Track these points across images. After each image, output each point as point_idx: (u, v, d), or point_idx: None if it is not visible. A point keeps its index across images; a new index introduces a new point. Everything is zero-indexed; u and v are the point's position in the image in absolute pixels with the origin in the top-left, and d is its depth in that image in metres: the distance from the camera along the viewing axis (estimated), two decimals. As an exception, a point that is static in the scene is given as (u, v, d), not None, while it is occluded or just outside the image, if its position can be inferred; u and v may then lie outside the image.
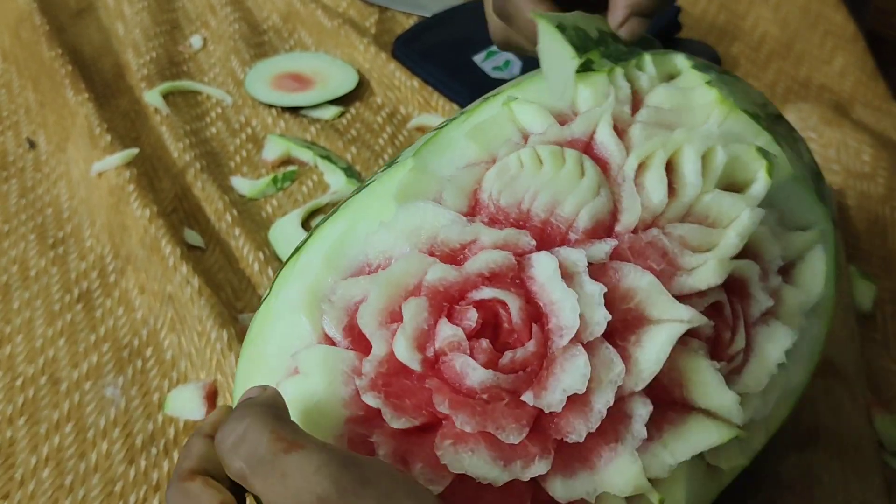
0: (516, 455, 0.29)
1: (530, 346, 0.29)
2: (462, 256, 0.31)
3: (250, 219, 0.64)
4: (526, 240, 0.31)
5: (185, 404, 0.51)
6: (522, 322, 0.30)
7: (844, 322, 0.51)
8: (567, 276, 0.30)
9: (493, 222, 0.32)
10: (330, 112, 0.74)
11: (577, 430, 0.29)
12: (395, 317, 0.31)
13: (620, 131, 0.35)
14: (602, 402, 0.29)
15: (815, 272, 0.35)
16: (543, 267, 0.30)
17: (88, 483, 0.47)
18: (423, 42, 0.80)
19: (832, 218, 0.39)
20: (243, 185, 0.67)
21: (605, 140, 0.34)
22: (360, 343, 0.31)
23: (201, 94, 0.78)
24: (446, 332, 0.30)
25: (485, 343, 0.29)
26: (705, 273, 0.31)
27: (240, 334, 0.53)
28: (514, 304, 0.30)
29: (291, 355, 0.32)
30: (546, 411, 0.29)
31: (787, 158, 0.37)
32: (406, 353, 0.30)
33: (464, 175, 0.34)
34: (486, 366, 0.29)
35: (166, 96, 0.77)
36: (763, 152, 0.35)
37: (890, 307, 0.55)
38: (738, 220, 0.32)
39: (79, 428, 0.50)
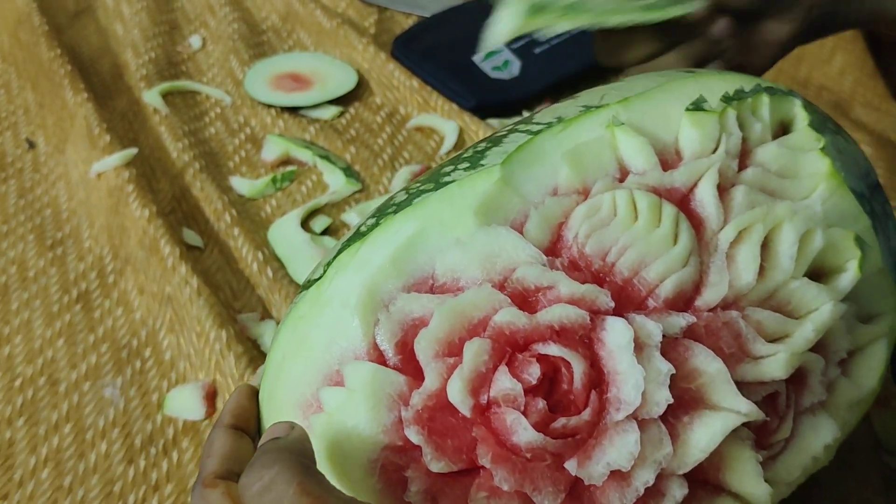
0: None
1: (586, 415, 0.28)
2: (534, 299, 0.30)
3: (249, 219, 0.64)
4: (604, 300, 0.29)
5: (184, 404, 0.51)
6: (583, 387, 0.28)
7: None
8: (638, 346, 0.29)
9: (573, 268, 0.31)
10: (329, 112, 0.74)
11: (612, 503, 0.28)
12: (452, 349, 0.29)
13: (722, 189, 0.33)
14: (642, 480, 0.28)
15: (873, 367, 0.34)
16: (617, 335, 0.29)
17: (87, 483, 0.47)
18: (422, 42, 0.80)
19: None
20: (242, 185, 0.67)
21: (707, 200, 0.32)
22: (409, 363, 0.30)
23: (200, 94, 0.78)
24: (504, 384, 0.28)
25: (541, 404, 0.28)
26: (774, 365, 0.30)
27: (239, 334, 0.53)
28: (578, 367, 0.28)
29: (339, 359, 0.31)
30: (586, 482, 0.28)
31: (880, 249, 0.35)
32: (459, 397, 0.28)
33: (552, 206, 0.32)
34: (537, 427, 0.28)
35: (165, 96, 0.77)
36: (860, 242, 0.33)
37: (889, 306, 0.55)
38: (819, 313, 0.31)
39: (78, 428, 0.50)
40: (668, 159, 0.34)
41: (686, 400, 0.29)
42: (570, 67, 0.76)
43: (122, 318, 0.57)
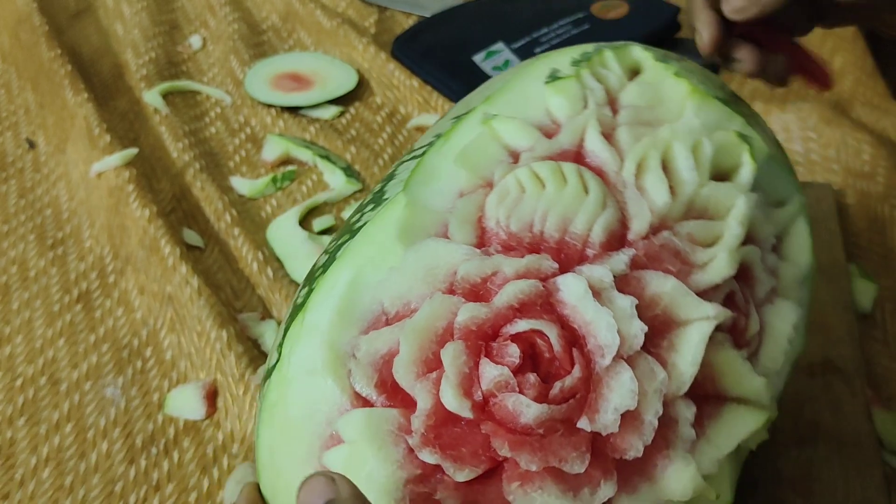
0: (582, 483, 0.28)
1: (576, 371, 0.29)
2: (484, 290, 0.30)
3: (249, 219, 0.64)
4: (548, 264, 0.30)
5: (185, 404, 0.51)
6: (563, 349, 0.29)
7: (843, 320, 0.51)
8: (595, 293, 0.30)
9: (507, 250, 0.31)
10: (329, 112, 0.74)
11: (634, 445, 0.29)
12: (430, 364, 0.30)
13: (606, 136, 0.34)
14: (651, 412, 0.29)
15: (802, 243, 0.36)
16: (572, 289, 0.30)
17: (88, 483, 0.47)
18: (422, 42, 0.80)
19: (799, 187, 0.40)
20: (242, 184, 0.67)
21: (597, 148, 0.34)
22: (395, 397, 0.30)
23: (200, 94, 0.78)
24: (492, 373, 0.29)
25: (532, 378, 0.29)
26: (718, 266, 0.32)
27: (239, 334, 0.53)
28: (551, 332, 0.29)
29: (327, 422, 0.30)
30: (603, 434, 0.29)
31: (761, 138, 0.37)
32: (455, 402, 0.29)
33: (465, 205, 0.33)
34: (537, 400, 0.28)
35: (165, 96, 0.77)
36: (743, 136, 0.36)
37: (890, 305, 0.55)
38: (736, 208, 0.33)
39: (79, 428, 0.50)
40: (548, 132, 0.35)
41: (658, 326, 0.30)
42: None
43: (122, 317, 0.57)
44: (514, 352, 0.29)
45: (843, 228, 0.60)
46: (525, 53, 0.78)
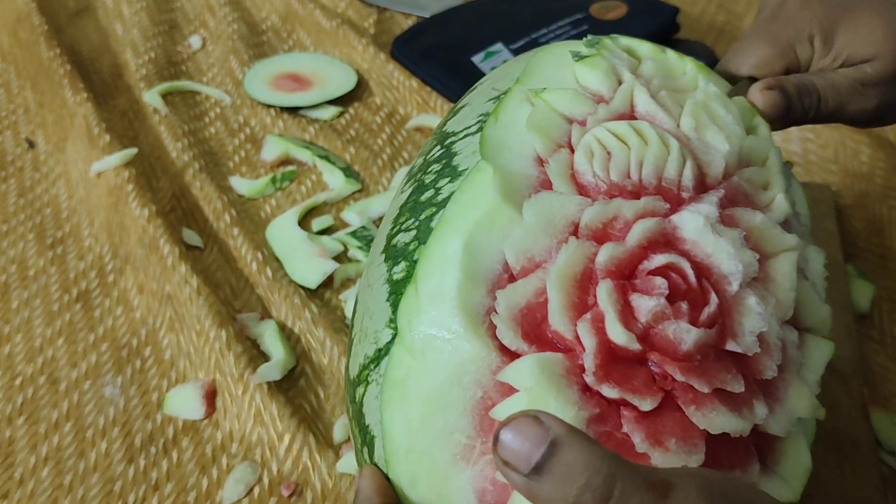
0: (741, 403, 0.30)
1: (714, 298, 0.30)
2: (605, 235, 0.31)
3: (249, 219, 0.64)
4: (661, 205, 0.32)
5: (184, 403, 0.51)
6: (696, 279, 0.30)
7: (841, 320, 0.51)
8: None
9: (612, 198, 0.32)
10: (329, 112, 0.75)
11: (769, 366, 0.30)
12: (579, 308, 0.30)
13: (654, 96, 0.37)
14: (775, 335, 0.31)
15: (801, 196, 0.40)
16: (691, 224, 0.31)
17: (87, 482, 0.47)
18: (421, 42, 0.80)
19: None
20: (242, 184, 0.67)
21: (651, 108, 0.36)
22: (544, 345, 0.30)
23: (200, 94, 0.78)
24: (648, 305, 0.29)
25: (684, 306, 0.30)
26: (780, 205, 0.35)
27: (238, 333, 0.53)
28: (685, 264, 0.31)
29: (477, 384, 0.30)
30: (750, 354, 0.30)
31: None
32: (623, 336, 0.29)
33: (555, 164, 0.33)
34: (695, 326, 0.29)
35: (165, 96, 0.77)
36: (748, 100, 0.39)
37: (887, 305, 0.55)
38: (771, 159, 0.37)
39: (78, 427, 0.50)
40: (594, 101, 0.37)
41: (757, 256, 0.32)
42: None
43: (121, 317, 0.57)
44: (661, 283, 0.30)
45: (841, 229, 0.60)
46: (524, 54, 0.78)
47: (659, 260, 0.30)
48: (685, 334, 0.29)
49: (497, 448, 0.24)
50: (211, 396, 0.51)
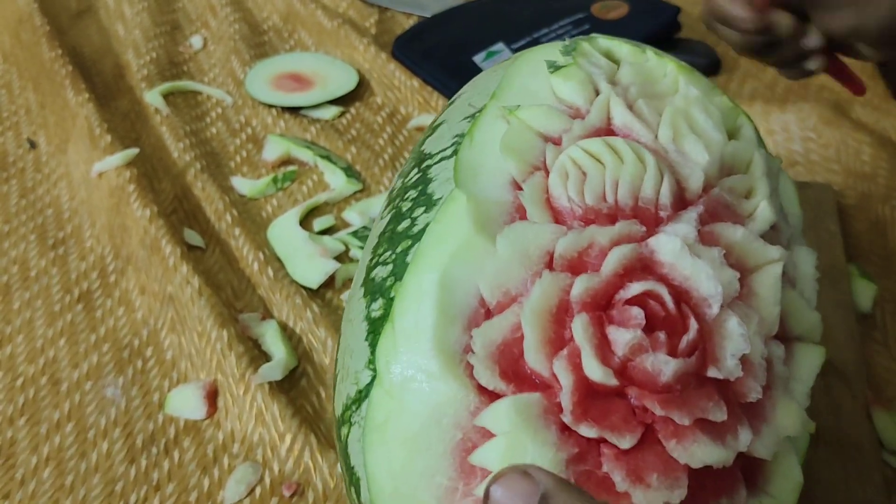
0: (725, 431, 0.29)
1: (693, 324, 0.30)
2: (581, 264, 0.31)
3: (250, 219, 0.64)
4: (636, 228, 0.31)
5: (186, 404, 0.51)
6: (675, 305, 0.30)
7: (844, 321, 0.51)
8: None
9: (587, 224, 0.32)
10: (330, 112, 0.75)
11: (754, 388, 0.30)
12: (555, 344, 0.29)
13: (631, 107, 0.36)
14: (757, 354, 0.30)
15: (791, 194, 0.39)
16: (668, 247, 0.31)
17: (89, 483, 0.47)
18: (422, 42, 0.80)
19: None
20: (243, 185, 0.67)
21: (627, 121, 0.35)
22: (522, 384, 0.29)
23: (201, 94, 0.78)
24: (624, 338, 0.29)
25: (662, 336, 0.29)
26: (764, 214, 0.34)
27: (240, 334, 0.53)
28: (662, 290, 0.30)
29: (455, 426, 0.29)
30: (732, 379, 0.29)
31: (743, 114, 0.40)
32: (600, 372, 0.28)
33: (531, 189, 0.33)
34: (674, 356, 0.29)
35: (166, 96, 0.77)
36: (733, 101, 0.38)
37: (890, 306, 0.55)
38: (755, 163, 0.35)
39: (79, 428, 0.50)
40: (570, 116, 0.36)
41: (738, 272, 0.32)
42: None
43: (123, 317, 0.57)
44: (637, 314, 0.29)
45: (843, 229, 0.60)
46: (526, 54, 0.78)
47: (635, 288, 0.30)
48: (664, 366, 0.28)
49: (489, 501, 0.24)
50: (212, 397, 0.51)
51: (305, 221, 0.63)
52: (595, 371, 0.28)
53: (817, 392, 0.47)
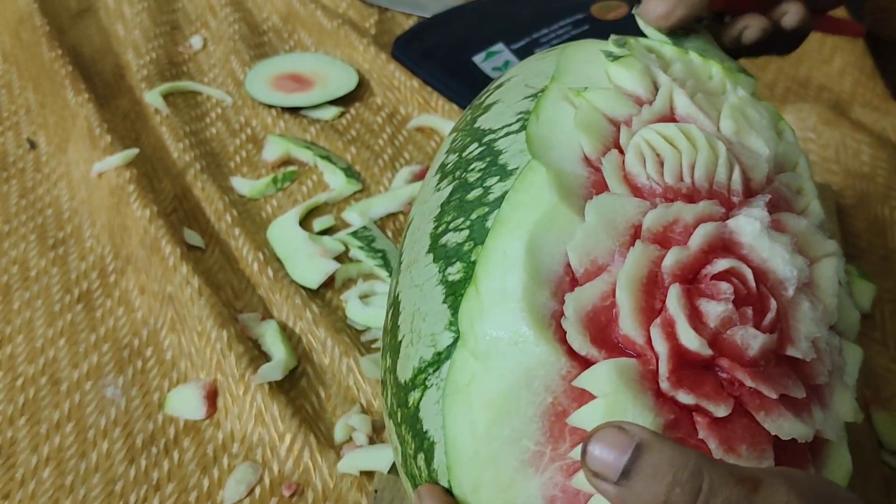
0: (803, 409, 0.30)
1: (773, 304, 0.30)
2: (665, 239, 0.31)
3: (250, 219, 0.64)
4: (717, 209, 0.32)
5: (185, 404, 0.51)
6: (756, 284, 0.31)
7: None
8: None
9: (668, 201, 0.32)
10: (330, 112, 0.75)
11: (822, 371, 0.31)
12: (647, 313, 0.30)
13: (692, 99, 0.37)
14: (824, 341, 0.31)
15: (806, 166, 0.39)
16: (748, 229, 0.31)
17: (89, 483, 0.47)
18: (422, 42, 0.80)
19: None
20: (243, 185, 0.67)
21: (691, 111, 0.36)
22: (613, 350, 0.30)
23: (201, 94, 0.78)
24: (717, 310, 0.29)
25: (749, 311, 0.30)
26: (816, 211, 0.35)
27: (240, 334, 0.53)
28: (745, 270, 0.31)
29: (546, 389, 0.29)
30: (807, 360, 0.30)
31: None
32: (696, 342, 0.29)
33: (609, 164, 0.33)
34: (762, 331, 0.30)
35: (166, 97, 0.77)
36: (773, 106, 0.39)
37: (889, 306, 0.55)
38: (801, 165, 0.37)
39: (79, 428, 0.50)
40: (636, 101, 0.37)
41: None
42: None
43: (123, 317, 0.57)
44: (727, 289, 0.30)
45: (843, 229, 0.60)
46: (525, 54, 0.78)
47: (722, 265, 0.30)
48: (752, 340, 0.29)
49: (586, 461, 0.24)
50: (212, 397, 0.51)
51: (305, 222, 0.63)
52: (692, 340, 0.29)
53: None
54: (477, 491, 0.30)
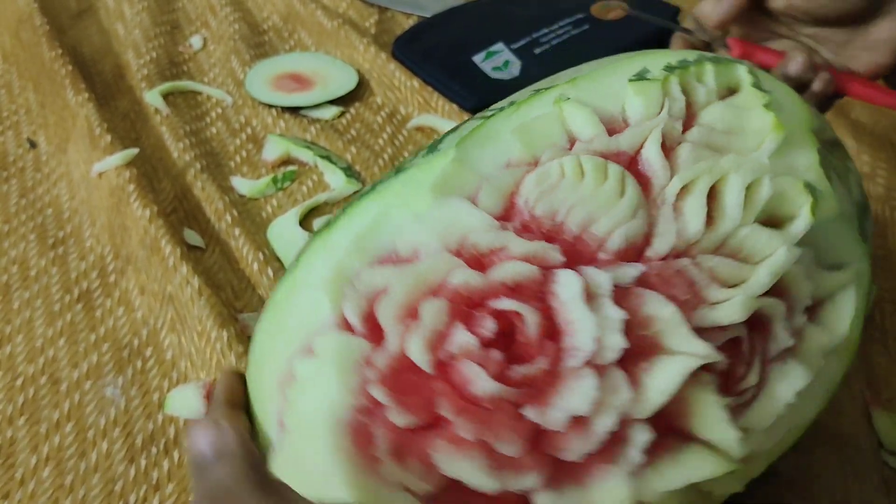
0: (511, 466, 0.29)
1: (540, 362, 0.29)
2: (489, 262, 0.31)
3: (250, 219, 0.64)
4: (554, 255, 0.31)
5: (186, 404, 0.51)
6: (537, 337, 0.30)
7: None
8: (590, 296, 0.30)
9: (525, 230, 0.32)
10: (330, 112, 0.75)
11: (575, 449, 0.29)
12: (413, 313, 0.31)
13: (668, 149, 0.34)
14: (603, 425, 0.29)
15: (843, 314, 0.34)
16: (568, 286, 0.30)
17: (89, 482, 0.47)
18: (422, 42, 0.80)
19: (869, 254, 0.37)
20: (243, 185, 0.67)
21: (652, 158, 0.33)
22: (375, 333, 0.31)
23: (201, 94, 0.78)
24: (462, 339, 0.30)
25: (497, 354, 0.30)
26: (730, 309, 0.30)
27: (240, 334, 0.53)
28: (531, 318, 0.30)
29: (310, 333, 0.33)
30: (545, 428, 0.29)
31: (834, 195, 0.35)
32: (418, 354, 0.30)
33: (503, 176, 0.33)
34: (495, 377, 0.29)
35: (166, 96, 0.77)
36: (810, 188, 0.33)
37: (889, 306, 0.55)
38: (773, 258, 0.32)
39: (79, 427, 0.50)
40: (616, 128, 0.35)
41: (644, 348, 0.30)
42: (570, 68, 0.76)
43: (123, 317, 0.57)
44: (489, 324, 0.30)
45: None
46: (525, 54, 0.78)
47: (506, 304, 0.30)
48: (478, 379, 0.29)
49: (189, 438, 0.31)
50: (212, 397, 0.51)
51: (305, 221, 0.63)
52: (414, 349, 0.30)
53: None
54: (255, 378, 0.36)
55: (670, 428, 0.30)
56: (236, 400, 0.37)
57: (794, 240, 0.32)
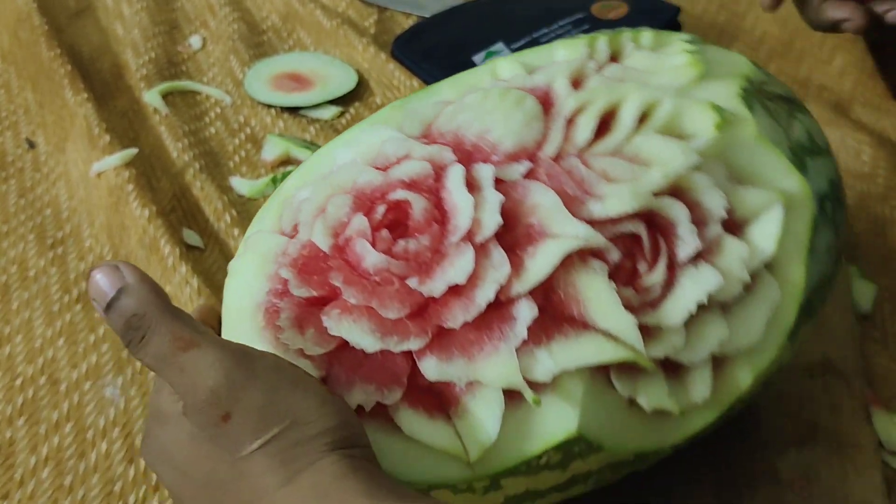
0: (395, 331, 0.32)
1: (423, 239, 0.33)
2: (392, 164, 0.36)
3: (249, 219, 0.64)
4: (448, 155, 0.35)
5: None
6: (423, 220, 0.34)
7: (843, 320, 0.51)
8: (475, 186, 0.34)
9: (430, 141, 0.37)
10: (329, 112, 0.74)
11: (456, 317, 0.32)
12: (325, 210, 0.36)
13: (577, 82, 0.38)
14: (483, 297, 0.32)
15: (767, 232, 0.35)
16: (452, 176, 0.34)
17: (88, 483, 0.47)
18: (422, 42, 0.80)
19: (820, 195, 0.38)
20: (242, 185, 0.67)
21: (558, 88, 0.37)
22: (297, 233, 0.36)
23: (200, 94, 0.78)
24: (357, 223, 0.34)
25: (385, 233, 0.34)
26: (616, 200, 0.33)
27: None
28: (418, 203, 0.34)
29: (278, 256, 0.37)
30: (426, 296, 0.32)
31: (753, 120, 0.36)
32: (320, 237, 0.34)
33: (426, 108, 0.38)
34: (382, 251, 0.33)
35: (165, 96, 0.77)
36: (718, 109, 0.35)
37: (889, 306, 0.55)
38: (667, 160, 0.34)
39: (78, 428, 0.50)
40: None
41: (531, 234, 0.33)
42: None
43: (122, 317, 0.57)
44: (380, 210, 0.34)
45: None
46: (525, 54, 0.78)
47: (398, 195, 0.34)
48: (366, 253, 0.33)
49: (89, 283, 0.31)
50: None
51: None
52: (317, 234, 0.35)
53: (816, 391, 0.47)
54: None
55: (568, 315, 0.32)
56: (211, 317, 0.39)
57: (692, 148, 0.34)
